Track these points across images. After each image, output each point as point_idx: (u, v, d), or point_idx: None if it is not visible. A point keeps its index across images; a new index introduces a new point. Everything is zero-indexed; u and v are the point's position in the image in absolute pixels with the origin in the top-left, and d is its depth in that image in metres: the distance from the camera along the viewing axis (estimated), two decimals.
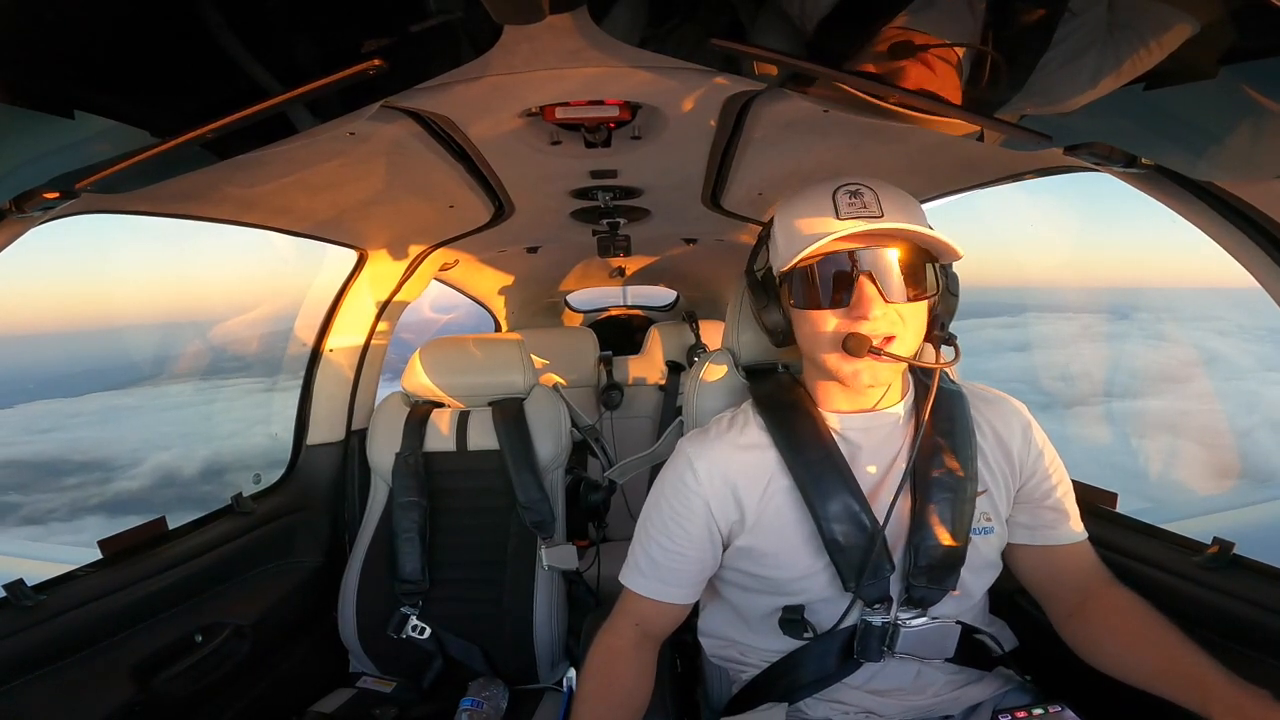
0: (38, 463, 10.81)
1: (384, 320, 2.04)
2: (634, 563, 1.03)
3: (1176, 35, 0.61)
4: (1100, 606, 0.96)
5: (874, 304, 0.85)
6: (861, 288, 0.85)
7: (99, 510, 8.88)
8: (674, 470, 1.02)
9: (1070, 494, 1.01)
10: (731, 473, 0.97)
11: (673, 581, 1.00)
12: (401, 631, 1.57)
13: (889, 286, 0.86)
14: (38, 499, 9.32)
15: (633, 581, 1.02)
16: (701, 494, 0.97)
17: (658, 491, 1.03)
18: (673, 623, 1.04)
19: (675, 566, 1.00)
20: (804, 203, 0.91)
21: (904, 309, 0.87)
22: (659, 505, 1.02)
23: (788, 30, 0.72)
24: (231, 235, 1.49)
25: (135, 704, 1.16)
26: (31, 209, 0.87)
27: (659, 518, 1.01)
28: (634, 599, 1.02)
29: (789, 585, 0.97)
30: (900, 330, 0.87)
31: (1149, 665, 0.88)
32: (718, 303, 3.51)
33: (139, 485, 9.39)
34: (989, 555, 0.99)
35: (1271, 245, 0.87)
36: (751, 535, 0.96)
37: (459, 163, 1.22)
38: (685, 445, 1.02)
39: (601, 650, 1.01)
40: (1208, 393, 8.55)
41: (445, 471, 1.68)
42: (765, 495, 0.96)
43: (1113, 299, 11.30)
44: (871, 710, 0.98)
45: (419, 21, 0.69)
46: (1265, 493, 5.95)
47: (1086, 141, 0.83)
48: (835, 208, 0.87)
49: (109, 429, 12.22)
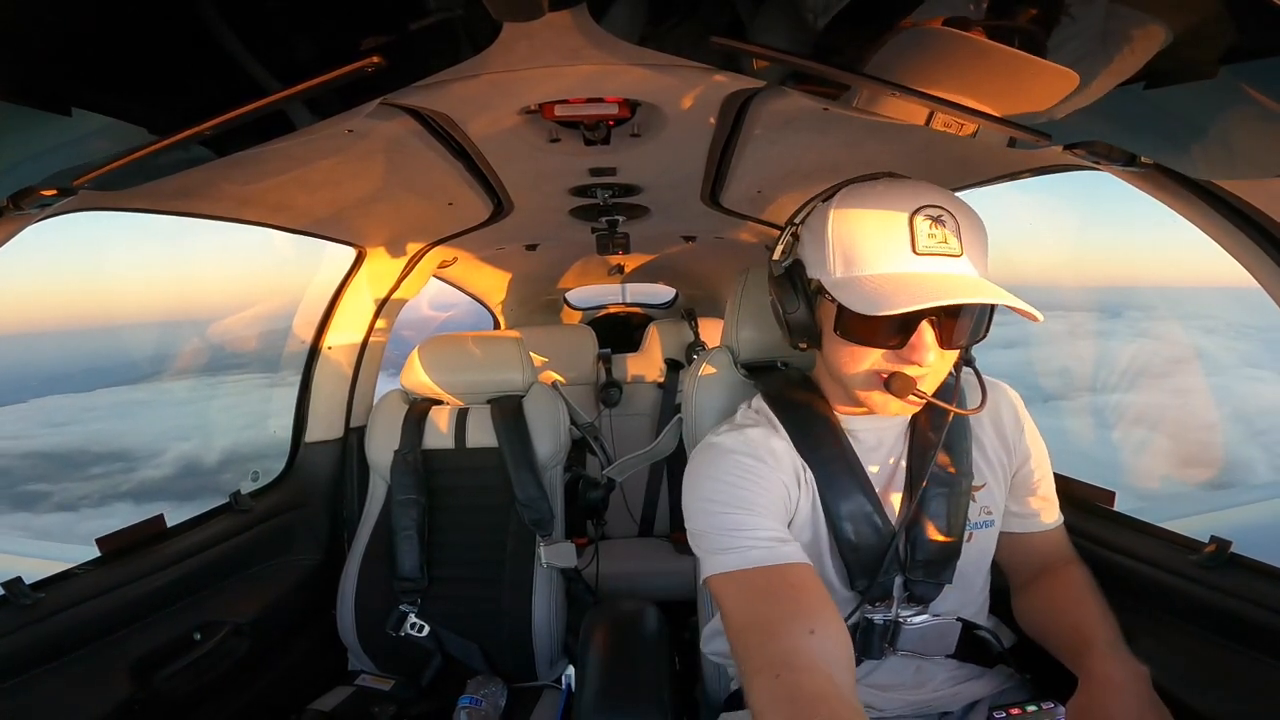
0: (61, 454, 11.01)
1: (382, 318, 2.04)
2: (709, 553, 0.86)
3: (1176, 35, 0.61)
4: (1048, 578, 1.00)
5: (929, 351, 0.80)
6: (922, 335, 0.79)
7: (127, 497, 9.08)
8: (738, 454, 0.90)
9: (1051, 482, 1.03)
10: (773, 456, 0.92)
11: (779, 535, 0.85)
12: (400, 629, 1.57)
13: (949, 335, 0.81)
14: (67, 487, 9.47)
15: (718, 566, 0.83)
16: (776, 473, 0.90)
17: (707, 483, 0.90)
18: (814, 578, 0.83)
19: (777, 532, 0.86)
20: (874, 215, 0.81)
21: (946, 353, 0.83)
22: (718, 486, 0.88)
23: (789, 28, 0.72)
24: (231, 232, 1.48)
25: (134, 702, 1.16)
26: (29, 206, 0.87)
27: (722, 503, 0.87)
28: (752, 576, 0.81)
29: None
30: (939, 370, 0.85)
31: (1055, 628, 0.92)
32: (717, 300, 3.51)
33: (163, 474, 9.58)
34: (987, 551, 1.00)
35: (1271, 245, 0.87)
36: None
37: (458, 160, 1.22)
38: (746, 430, 0.94)
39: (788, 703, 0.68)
40: (1183, 388, 8.77)
41: (444, 469, 1.68)
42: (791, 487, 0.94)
43: (1105, 297, 11.46)
44: (871, 705, 0.99)
45: (418, 19, 0.69)
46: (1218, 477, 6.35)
47: (1086, 140, 0.83)
48: (913, 237, 0.78)
49: (126, 422, 12.36)
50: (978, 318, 0.83)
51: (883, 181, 0.85)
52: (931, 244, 0.78)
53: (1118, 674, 0.81)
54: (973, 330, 0.83)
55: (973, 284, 0.78)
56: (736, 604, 0.81)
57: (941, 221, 0.78)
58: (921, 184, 0.83)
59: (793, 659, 0.71)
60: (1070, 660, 0.88)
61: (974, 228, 0.82)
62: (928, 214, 0.78)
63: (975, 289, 0.77)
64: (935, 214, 0.79)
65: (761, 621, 0.77)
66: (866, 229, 0.81)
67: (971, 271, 0.79)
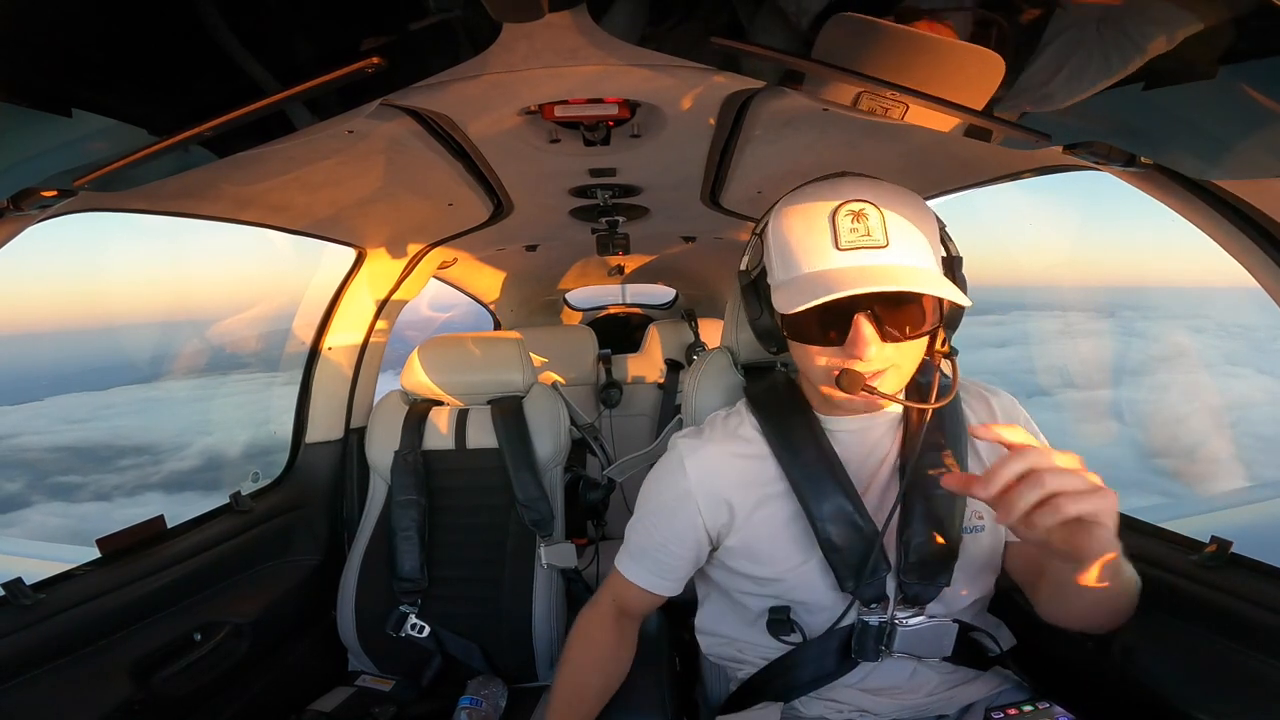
0: (86, 448, 11.48)
1: (382, 318, 2.04)
2: (626, 546, 1.07)
3: (1175, 35, 0.61)
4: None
5: (869, 345, 0.80)
6: (858, 327, 0.80)
7: (157, 487, 9.48)
8: (666, 467, 1.03)
9: None
10: (723, 474, 0.97)
11: (657, 572, 1.03)
12: (400, 630, 1.57)
13: (888, 327, 0.81)
14: (98, 479, 9.96)
15: (622, 564, 1.06)
16: (691, 493, 0.97)
17: (651, 483, 1.05)
18: (649, 608, 1.10)
19: (661, 559, 1.02)
20: (801, 218, 0.84)
21: (901, 345, 0.83)
22: (650, 497, 1.04)
23: (787, 28, 0.72)
24: (234, 232, 1.49)
25: (134, 702, 1.16)
26: (29, 207, 0.87)
27: (649, 509, 1.04)
28: (620, 581, 1.07)
29: (783, 586, 0.96)
30: (897, 363, 0.84)
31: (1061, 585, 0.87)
32: (716, 301, 3.51)
33: (189, 465, 10.07)
34: (981, 554, 0.98)
35: (1271, 245, 0.87)
36: (742, 535, 0.96)
37: (458, 161, 1.22)
38: (679, 442, 1.02)
39: (583, 620, 1.10)
40: (1162, 384, 9.12)
41: (444, 470, 1.68)
42: (759, 496, 0.96)
43: (1100, 297, 11.81)
44: (866, 709, 0.98)
45: (418, 19, 0.69)
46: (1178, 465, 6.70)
47: (1085, 140, 0.83)
48: (835, 233, 0.80)
49: (146, 418, 12.65)
50: (919, 308, 0.82)
51: (822, 182, 0.87)
52: (854, 238, 0.80)
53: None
54: (915, 321, 0.82)
55: (893, 273, 0.78)
56: (607, 585, 1.10)
57: (864, 215, 0.80)
58: (856, 180, 0.85)
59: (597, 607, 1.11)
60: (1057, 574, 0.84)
61: (905, 218, 0.82)
62: (849, 209, 0.81)
63: (893, 277, 0.77)
64: (857, 208, 0.81)
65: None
66: (796, 231, 0.84)
67: (900, 261, 0.80)
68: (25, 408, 14.41)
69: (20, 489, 10.23)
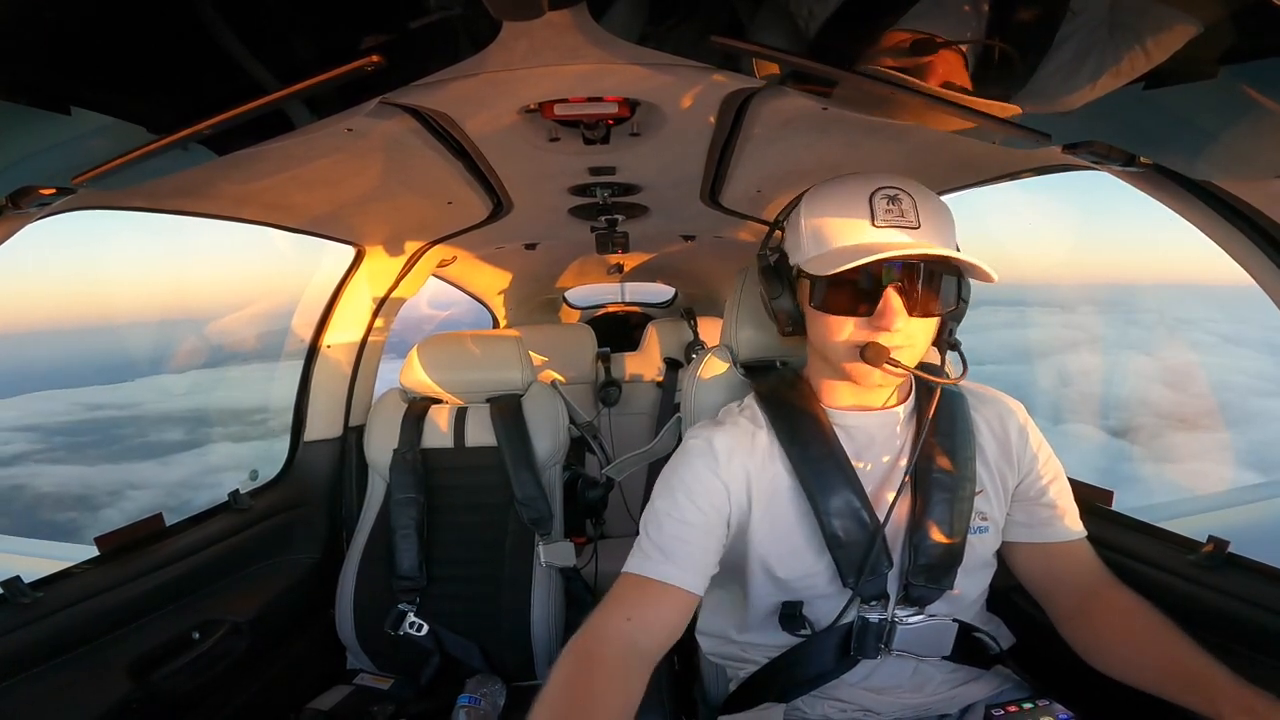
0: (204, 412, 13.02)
1: (381, 316, 2.04)
2: (640, 548, 0.94)
3: (1177, 35, 0.61)
4: (1102, 608, 0.95)
5: (898, 317, 0.84)
6: (888, 300, 0.85)
7: (270, 435, 10.32)
8: (691, 453, 0.98)
9: (1067, 492, 1.01)
10: (747, 461, 0.96)
11: (677, 559, 0.91)
12: (399, 628, 1.57)
13: (915, 301, 0.86)
14: (223, 430, 11.59)
15: (642, 568, 0.92)
16: (721, 476, 0.95)
17: (670, 475, 0.98)
18: (672, 628, 0.91)
19: (683, 537, 0.92)
20: (837, 201, 0.90)
21: (923, 321, 0.88)
22: (671, 485, 0.96)
23: (788, 28, 0.72)
24: (236, 231, 1.49)
25: (132, 701, 1.15)
26: (28, 205, 0.87)
27: (670, 496, 0.95)
28: (632, 584, 0.91)
29: (789, 580, 0.97)
30: (915, 341, 0.88)
31: (1154, 668, 0.87)
32: (716, 299, 3.51)
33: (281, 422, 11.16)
34: (984, 555, 0.99)
35: (1270, 245, 0.87)
36: (755, 528, 0.96)
37: (457, 159, 1.22)
38: (703, 431, 1.00)
39: (578, 657, 0.85)
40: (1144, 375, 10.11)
41: (443, 468, 1.67)
42: (770, 489, 0.96)
43: (1095, 295, 12.48)
44: (868, 708, 0.99)
45: (417, 17, 0.69)
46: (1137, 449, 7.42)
47: (1085, 140, 0.83)
48: (871, 212, 0.86)
49: (232, 392, 13.84)
50: (946, 286, 0.88)
51: (852, 175, 0.92)
52: (890, 218, 0.85)
53: (1264, 709, 0.75)
54: (942, 298, 0.88)
55: (927, 247, 0.83)
56: (613, 596, 0.92)
57: (898, 199, 0.86)
58: (885, 175, 0.90)
59: (602, 632, 0.88)
60: (1188, 699, 0.82)
61: (933, 208, 0.88)
62: (885, 193, 0.87)
63: (928, 249, 0.83)
64: (892, 194, 0.87)
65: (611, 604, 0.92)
66: (831, 211, 0.90)
67: (930, 240, 0.85)
68: (124, 386, 15.67)
69: (180, 438, 12.20)
